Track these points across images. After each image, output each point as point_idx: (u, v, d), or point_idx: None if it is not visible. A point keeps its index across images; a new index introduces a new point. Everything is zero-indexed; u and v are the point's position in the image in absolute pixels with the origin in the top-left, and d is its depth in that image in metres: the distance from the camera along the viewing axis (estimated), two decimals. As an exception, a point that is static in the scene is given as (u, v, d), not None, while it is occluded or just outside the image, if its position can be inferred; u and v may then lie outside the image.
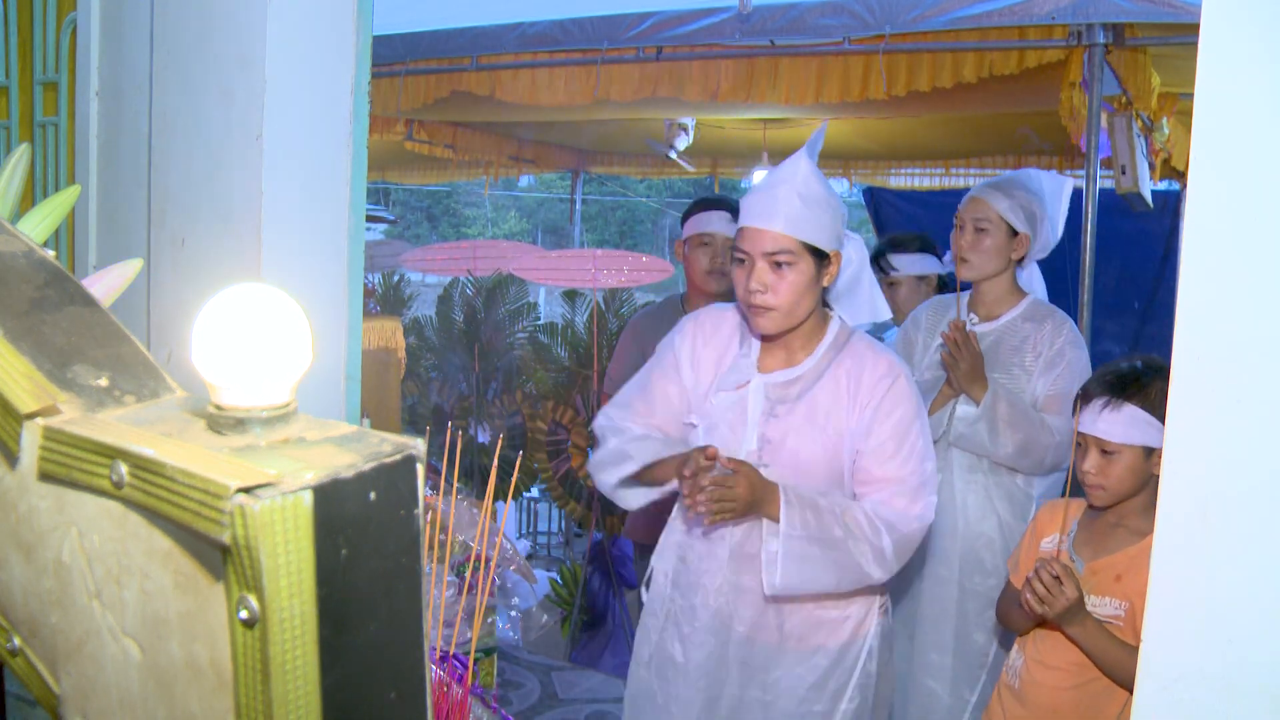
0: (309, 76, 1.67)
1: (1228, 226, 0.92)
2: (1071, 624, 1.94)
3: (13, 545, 0.61)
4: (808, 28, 3.58)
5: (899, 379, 2.08)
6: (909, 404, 2.07)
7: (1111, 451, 1.98)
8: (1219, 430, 0.93)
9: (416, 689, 0.56)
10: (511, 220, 24.94)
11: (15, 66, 2.06)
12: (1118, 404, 1.97)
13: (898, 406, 2.06)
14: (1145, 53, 3.31)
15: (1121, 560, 2.00)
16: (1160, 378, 2.01)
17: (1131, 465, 1.98)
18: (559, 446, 5.43)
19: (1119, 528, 2.04)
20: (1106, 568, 2.01)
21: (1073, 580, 1.91)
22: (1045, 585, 1.91)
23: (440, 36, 4.41)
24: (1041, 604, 1.91)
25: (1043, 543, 2.14)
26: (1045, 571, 1.92)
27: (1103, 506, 2.04)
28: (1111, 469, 1.99)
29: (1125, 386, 1.99)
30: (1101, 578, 2.00)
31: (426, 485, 0.56)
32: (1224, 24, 0.91)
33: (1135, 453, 1.97)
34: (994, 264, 2.77)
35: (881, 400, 2.06)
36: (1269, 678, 0.91)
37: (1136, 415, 1.96)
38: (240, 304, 0.54)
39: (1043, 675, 2.05)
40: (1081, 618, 1.94)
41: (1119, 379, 2.01)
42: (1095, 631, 1.94)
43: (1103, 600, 1.99)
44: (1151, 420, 1.97)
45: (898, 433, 2.05)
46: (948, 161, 6.46)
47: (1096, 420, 1.99)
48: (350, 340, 1.77)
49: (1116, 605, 1.98)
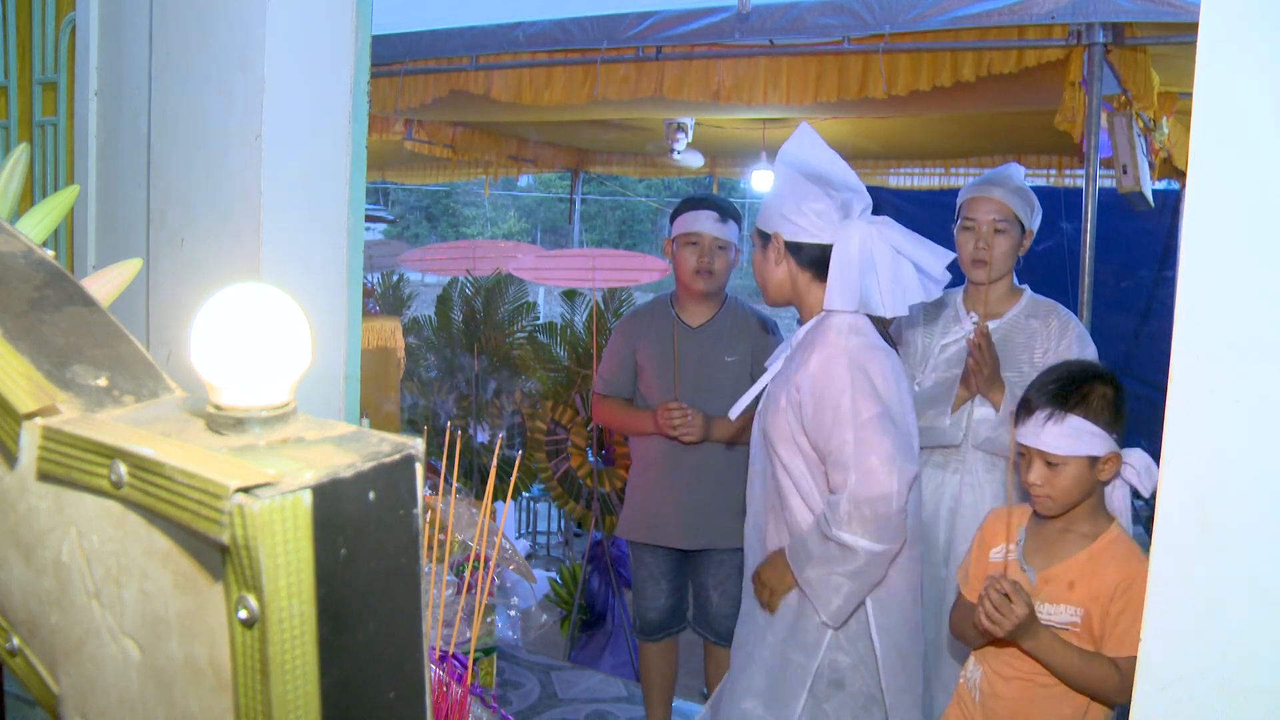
0: (308, 76, 1.67)
1: (1227, 225, 0.92)
2: (1026, 639, 1.92)
3: (12, 545, 0.61)
4: (807, 27, 3.58)
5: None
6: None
7: (1056, 463, 1.96)
8: (1218, 430, 0.93)
9: (416, 689, 0.56)
10: (511, 220, 24.95)
11: (14, 66, 2.06)
12: (1061, 416, 1.95)
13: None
14: (1145, 52, 3.31)
15: (1073, 567, 1.99)
16: (1100, 383, 2.00)
17: (1077, 475, 1.97)
18: (558, 446, 5.43)
19: (1068, 533, 2.02)
20: (1059, 575, 1.99)
21: (1022, 596, 1.89)
22: (994, 604, 1.90)
23: (440, 36, 4.41)
24: (993, 623, 1.90)
25: (991, 552, 2.11)
26: (994, 590, 1.91)
27: (1050, 516, 2.03)
28: (1058, 480, 1.97)
29: (1067, 397, 1.97)
30: (1054, 585, 1.99)
31: (426, 485, 0.56)
32: (1223, 23, 0.91)
33: (1080, 462, 1.96)
34: (1009, 264, 2.76)
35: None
36: (1269, 678, 0.91)
37: (1080, 426, 1.95)
38: (239, 304, 0.54)
39: (1002, 687, 2.04)
40: (1035, 632, 1.92)
41: (1061, 389, 1.98)
42: (1050, 644, 1.92)
43: (1057, 608, 1.97)
44: (1095, 430, 1.95)
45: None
46: (947, 161, 6.46)
47: (1040, 433, 1.96)
48: (349, 340, 1.77)
49: (1071, 612, 1.96)
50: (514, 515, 6.72)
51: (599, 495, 5.12)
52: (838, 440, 2.14)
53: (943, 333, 2.84)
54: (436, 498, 2.45)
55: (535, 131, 6.50)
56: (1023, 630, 1.90)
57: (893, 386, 2.20)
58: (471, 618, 2.21)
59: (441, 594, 1.71)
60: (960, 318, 2.82)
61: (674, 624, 3.46)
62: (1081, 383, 1.99)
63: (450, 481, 2.92)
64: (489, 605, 3.03)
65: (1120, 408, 2.01)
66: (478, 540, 1.42)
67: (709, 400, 3.23)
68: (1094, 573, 1.96)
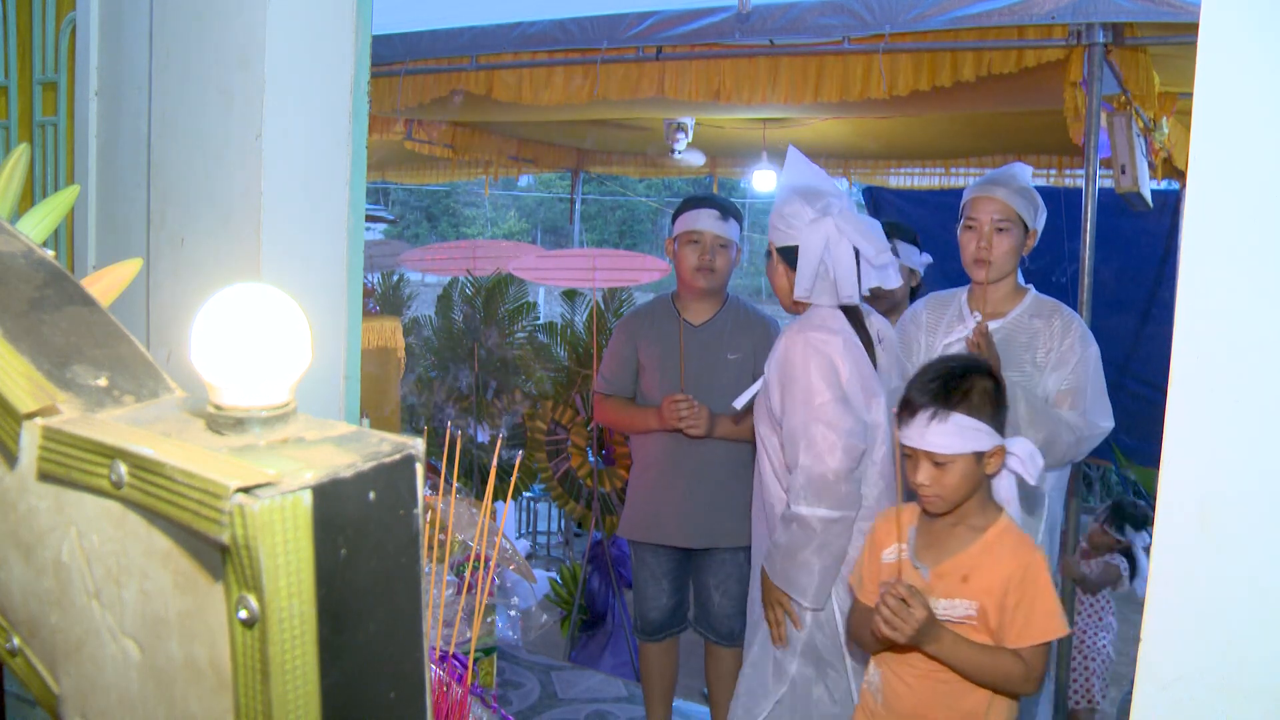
0: (308, 76, 1.67)
1: (1227, 226, 0.92)
2: (927, 643, 1.91)
3: (12, 545, 0.61)
4: (807, 27, 3.58)
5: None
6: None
7: (943, 462, 1.95)
8: (1218, 430, 0.93)
9: (416, 688, 0.56)
10: (511, 220, 24.95)
11: (14, 66, 2.06)
12: (944, 414, 1.94)
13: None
14: (1145, 52, 3.31)
15: (966, 560, 1.98)
16: (979, 377, 1.98)
17: (965, 472, 1.96)
18: (558, 446, 5.43)
19: (958, 527, 2.02)
20: (952, 570, 1.99)
21: (919, 599, 1.88)
22: (893, 609, 1.88)
23: (440, 36, 4.40)
24: (893, 629, 1.88)
25: (884, 554, 2.10)
26: (890, 596, 1.89)
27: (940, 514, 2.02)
28: (946, 479, 1.96)
29: (949, 395, 1.95)
30: (948, 581, 1.98)
31: (426, 485, 0.56)
32: (1223, 23, 0.91)
33: (967, 459, 1.95)
34: (1013, 263, 2.76)
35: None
36: (1269, 678, 0.91)
37: (964, 423, 1.93)
38: (239, 304, 0.54)
39: (903, 690, 2.03)
40: (936, 635, 1.91)
41: (942, 387, 1.96)
42: (952, 644, 1.91)
43: (952, 603, 1.97)
44: (979, 425, 1.95)
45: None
46: (947, 161, 6.45)
47: (925, 434, 1.95)
48: (349, 340, 1.77)
49: (967, 606, 1.96)
50: (514, 515, 6.72)
51: (599, 495, 5.12)
52: (794, 420, 2.41)
53: (946, 332, 2.84)
54: (437, 498, 2.45)
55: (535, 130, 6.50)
56: (923, 634, 1.89)
57: (850, 375, 2.43)
58: (472, 618, 2.21)
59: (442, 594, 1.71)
60: (964, 317, 2.82)
61: (675, 624, 3.45)
62: (961, 378, 1.97)
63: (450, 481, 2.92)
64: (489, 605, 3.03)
65: (1000, 399, 2.01)
66: (478, 540, 1.43)
67: (711, 398, 3.24)
68: (987, 565, 1.96)
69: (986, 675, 1.92)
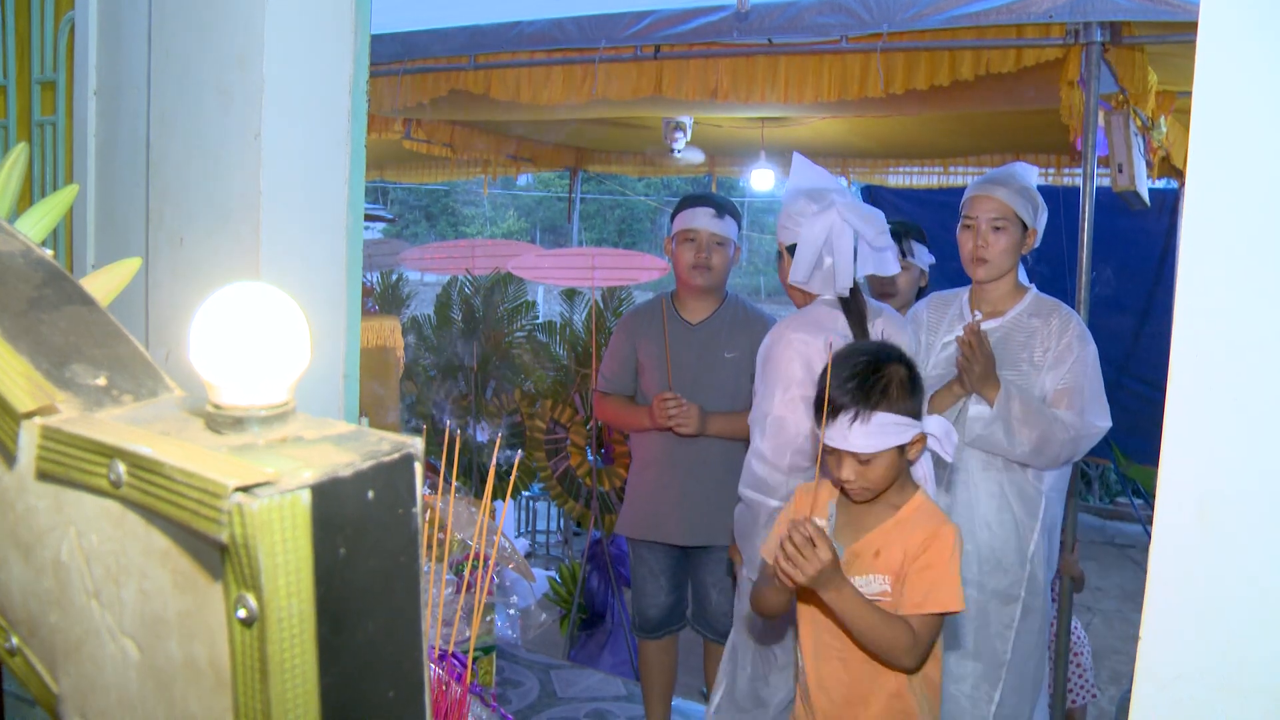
0: (307, 75, 1.66)
1: (1226, 225, 0.92)
2: (827, 589, 1.86)
3: (11, 545, 0.61)
4: (805, 26, 3.58)
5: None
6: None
7: (867, 459, 1.95)
8: (1217, 429, 0.93)
9: (415, 688, 0.56)
10: (510, 219, 24.95)
11: (13, 65, 2.06)
12: (866, 415, 1.93)
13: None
14: (1142, 51, 3.31)
15: (879, 537, 1.99)
16: (894, 365, 1.98)
17: (889, 463, 1.97)
18: (557, 445, 5.43)
19: (876, 505, 2.04)
20: (865, 547, 2.00)
21: (825, 541, 1.85)
22: (797, 546, 1.83)
23: (438, 35, 4.40)
24: (794, 566, 1.83)
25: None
26: (797, 533, 1.84)
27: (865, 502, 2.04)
28: (870, 473, 1.97)
29: (869, 394, 1.94)
30: (863, 558, 1.99)
31: (425, 484, 0.56)
32: (1222, 22, 0.91)
33: (890, 452, 1.96)
34: (1010, 262, 2.76)
35: None
36: (1268, 677, 0.91)
37: (885, 420, 1.93)
38: (238, 303, 0.54)
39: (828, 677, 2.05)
40: (838, 583, 1.87)
41: (860, 387, 1.95)
42: (852, 597, 1.88)
43: (866, 579, 1.97)
44: (901, 420, 1.94)
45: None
46: (946, 160, 6.45)
47: (848, 435, 1.94)
48: (349, 339, 1.77)
49: (881, 581, 1.97)
50: (513, 514, 6.72)
51: (598, 494, 5.12)
52: (762, 407, 2.57)
53: (946, 330, 2.85)
54: (436, 497, 2.45)
55: (533, 130, 6.49)
56: (825, 579, 1.84)
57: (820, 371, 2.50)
58: (471, 616, 2.21)
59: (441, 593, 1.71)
60: (964, 316, 2.83)
61: (673, 621, 3.46)
62: (878, 373, 1.96)
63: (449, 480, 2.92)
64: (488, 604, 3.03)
65: (916, 382, 2.01)
66: (477, 539, 1.42)
67: (708, 396, 3.24)
68: (896, 539, 1.98)
69: (875, 637, 1.90)
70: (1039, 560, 2.74)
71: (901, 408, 1.95)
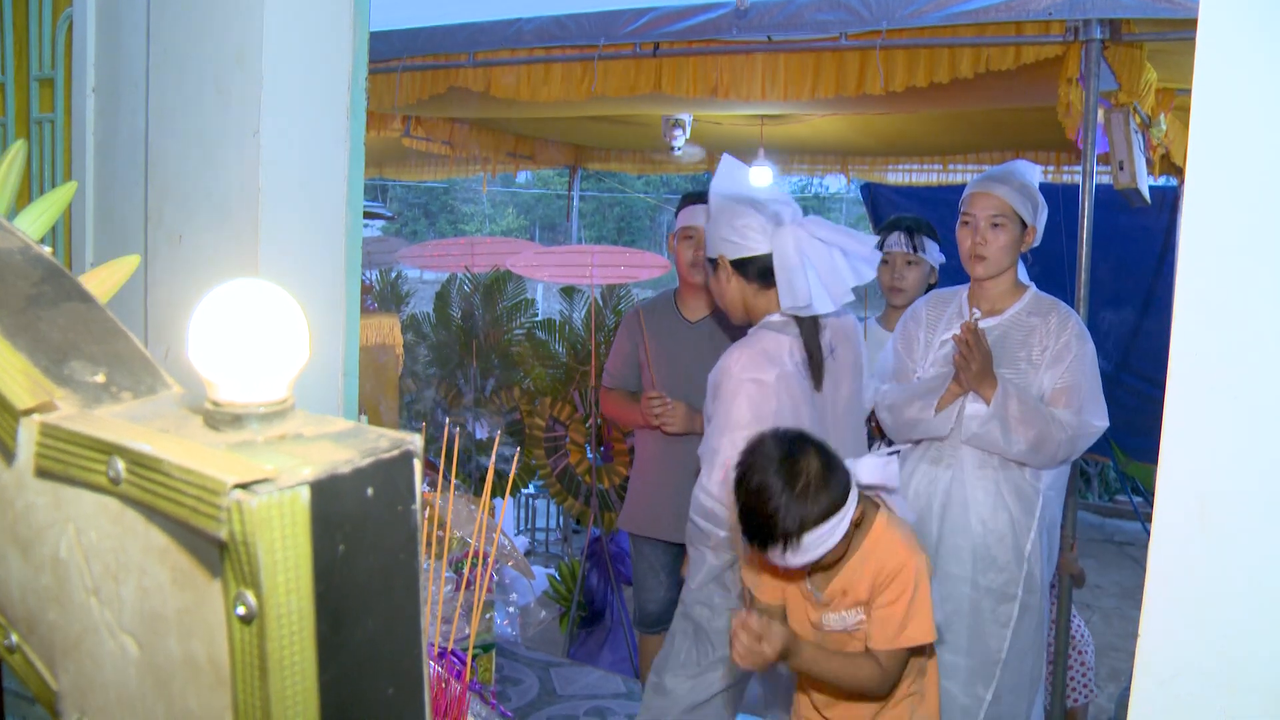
0: (306, 73, 1.66)
1: (1226, 222, 0.92)
2: (790, 660, 1.95)
3: (10, 542, 0.61)
4: (804, 23, 3.58)
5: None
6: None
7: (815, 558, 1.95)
8: (1216, 426, 0.93)
9: (414, 685, 0.56)
10: (509, 216, 24.94)
11: (11, 62, 2.05)
12: (795, 542, 1.89)
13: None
14: (1141, 48, 3.30)
15: (847, 574, 2.02)
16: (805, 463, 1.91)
17: (838, 548, 1.96)
18: (557, 443, 5.43)
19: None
20: (834, 588, 2.04)
21: (769, 630, 1.90)
22: (746, 647, 1.90)
23: (438, 32, 4.40)
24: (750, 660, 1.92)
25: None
26: (743, 634, 1.91)
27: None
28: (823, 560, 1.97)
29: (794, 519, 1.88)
30: (835, 598, 2.04)
31: (424, 481, 0.56)
32: (1222, 20, 0.91)
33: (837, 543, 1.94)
34: (1009, 259, 2.76)
35: None
36: (1267, 674, 0.91)
37: (820, 535, 1.90)
38: (237, 300, 0.54)
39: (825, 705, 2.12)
40: (796, 652, 1.94)
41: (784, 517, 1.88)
42: (813, 657, 1.97)
43: (843, 615, 2.03)
44: (833, 524, 1.90)
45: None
46: (945, 157, 6.45)
47: (786, 559, 1.92)
48: (348, 337, 1.77)
49: (857, 613, 2.02)
50: (513, 512, 6.72)
51: (597, 492, 5.13)
52: (713, 440, 2.46)
53: (945, 328, 2.84)
54: (435, 494, 2.45)
55: (533, 127, 6.48)
56: (784, 656, 1.93)
57: (770, 407, 2.42)
58: (470, 614, 2.21)
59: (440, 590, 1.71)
60: (963, 314, 2.83)
61: (672, 617, 3.46)
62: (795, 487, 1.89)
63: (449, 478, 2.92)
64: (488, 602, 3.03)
65: (831, 462, 1.94)
66: (476, 537, 1.42)
67: (704, 394, 3.24)
68: (864, 573, 2.01)
69: (846, 682, 1.99)
70: (1036, 558, 2.74)
71: (826, 509, 1.90)
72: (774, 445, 1.92)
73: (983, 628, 2.73)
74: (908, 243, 3.40)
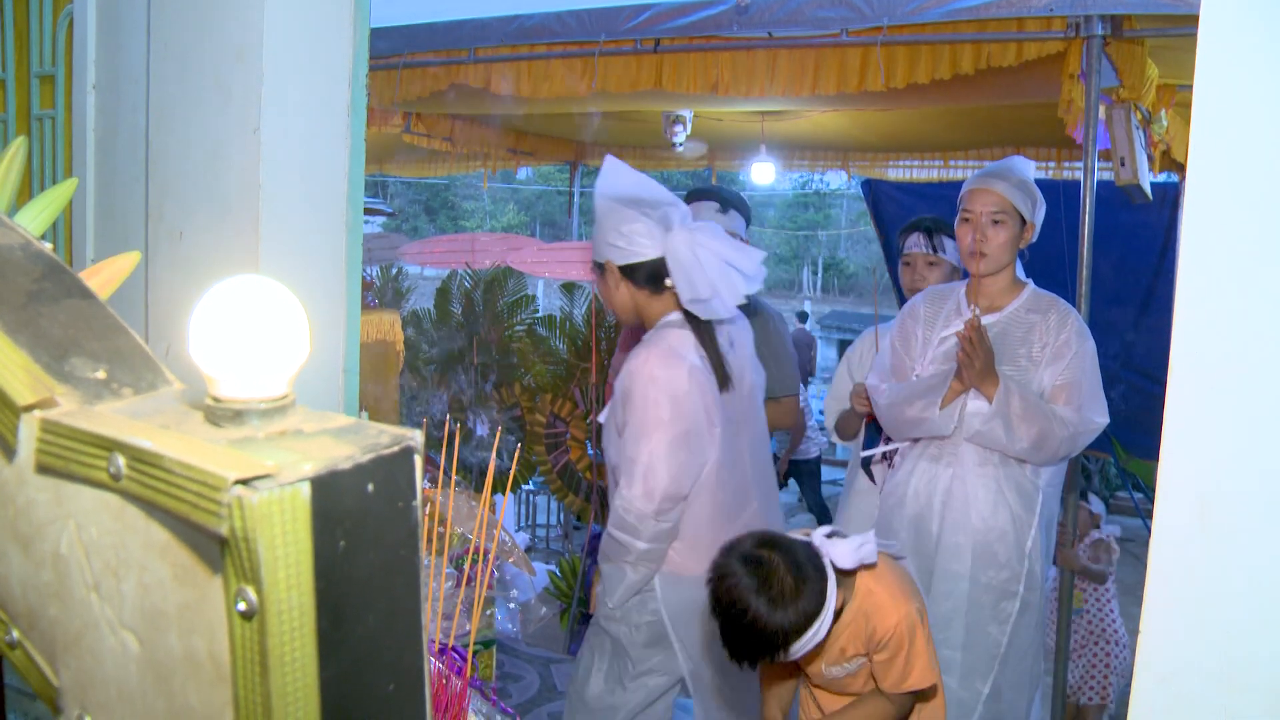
0: (307, 69, 1.66)
1: (1227, 219, 0.92)
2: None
3: (11, 538, 0.61)
4: (805, 20, 3.57)
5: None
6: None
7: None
8: (1218, 423, 0.93)
9: (415, 681, 0.56)
10: (510, 213, 24.95)
11: (12, 59, 2.05)
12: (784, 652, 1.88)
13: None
14: (1143, 44, 3.30)
15: (841, 638, 2.02)
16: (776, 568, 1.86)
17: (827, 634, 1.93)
18: (557, 439, 5.43)
19: None
20: (834, 650, 2.04)
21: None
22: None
23: (438, 29, 4.40)
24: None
25: None
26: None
27: None
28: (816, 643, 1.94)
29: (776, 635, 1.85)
30: (833, 656, 2.05)
31: (425, 478, 0.56)
32: (1223, 15, 0.91)
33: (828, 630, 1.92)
34: (1008, 256, 2.75)
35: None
36: (1268, 672, 0.91)
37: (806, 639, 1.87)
38: (238, 296, 0.54)
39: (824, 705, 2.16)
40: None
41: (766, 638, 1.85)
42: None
43: (838, 668, 2.05)
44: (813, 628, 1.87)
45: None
46: (946, 153, 6.45)
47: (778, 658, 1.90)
48: (348, 333, 1.77)
49: (855, 663, 2.04)
50: (513, 508, 6.72)
51: (598, 488, 5.13)
52: (629, 448, 2.40)
53: (944, 325, 2.84)
54: (435, 490, 2.45)
55: (533, 123, 6.48)
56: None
57: (689, 403, 2.39)
58: (471, 610, 2.21)
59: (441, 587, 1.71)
60: (962, 311, 2.82)
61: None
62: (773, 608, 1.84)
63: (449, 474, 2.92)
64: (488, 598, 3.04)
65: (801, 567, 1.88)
66: (477, 533, 1.42)
67: None
68: (859, 630, 2.02)
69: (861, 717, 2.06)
70: (1037, 555, 2.74)
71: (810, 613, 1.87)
72: (740, 565, 1.87)
73: (982, 624, 2.73)
74: (927, 244, 3.39)
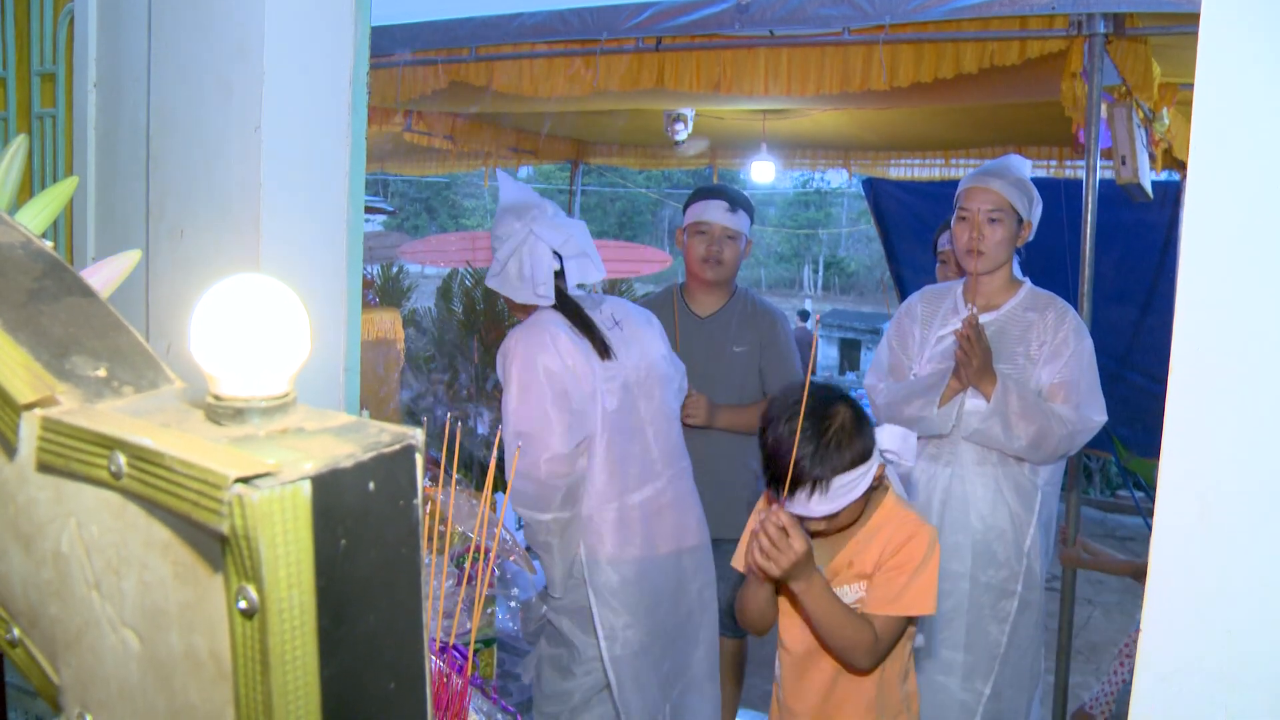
0: (308, 68, 1.66)
1: (1228, 217, 0.92)
2: (798, 579, 1.88)
3: (11, 536, 0.61)
4: (807, 18, 3.57)
5: None
6: None
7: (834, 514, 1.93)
8: (1218, 421, 0.93)
9: (416, 680, 0.56)
10: (510, 212, 24.84)
11: (12, 58, 2.05)
12: (824, 485, 1.88)
13: None
14: (1145, 43, 3.30)
15: (851, 549, 2.00)
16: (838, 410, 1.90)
17: (854, 506, 1.94)
18: (558, 438, 5.41)
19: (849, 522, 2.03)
20: (840, 561, 2.01)
21: (798, 531, 1.85)
22: (772, 539, 1.84)
23: (439, 27, 4.40)
24: (768, 559, 1.85)
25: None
26: (770, 525, 1.84)
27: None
28: (838, 518, 1.96)
29: (823, 461, 1.87)
30: (841, 574, 2.01)
31: (425, 476, 0.56)
32: (1224, 14, 0.91)
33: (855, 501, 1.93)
34: (1006, 254, 2.76)
35: None
36: (1268, 669, 0.91)
37: (845, 482, 1.89)
38: (239, 295, 0.54)
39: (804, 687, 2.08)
40: (809, 573, 1.88)
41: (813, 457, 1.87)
42: (820, 591, 1.89)
43: (842, 590, 1.99)
44: (859, 472, 1.89)
45: None
46: (948, 152, 6.44)
47: (810, 506, 1.90)
48: (349, 331, 1.77)
49: (857, 589, 1.99)
50: (514, 507, 6.71)
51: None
52: (510, 426, 2.63)
53: (941, 324, 2.84)
54: (436, 489, 2.45)
55: (534, 122, 6.47)
56: (798, 570, 1.86)
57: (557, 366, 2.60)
58: (472, 609, 2.21)
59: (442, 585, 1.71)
60: (959, 309, 2.82)
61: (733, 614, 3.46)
62: (827, 432, 1.88)
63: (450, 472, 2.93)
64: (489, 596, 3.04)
65: (859, 415, 1.93)
66: (478, 531, 1.42)
67: (716, 389, 3.25)
68: (873, 546, 1.99)
69: (839, 634, 1.92)
70: (1036, 554, 2.74)
71: (856, 458, 1.89)
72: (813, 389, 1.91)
73: (982, 624, 2.73)
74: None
